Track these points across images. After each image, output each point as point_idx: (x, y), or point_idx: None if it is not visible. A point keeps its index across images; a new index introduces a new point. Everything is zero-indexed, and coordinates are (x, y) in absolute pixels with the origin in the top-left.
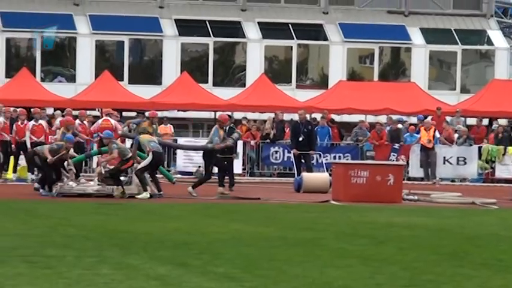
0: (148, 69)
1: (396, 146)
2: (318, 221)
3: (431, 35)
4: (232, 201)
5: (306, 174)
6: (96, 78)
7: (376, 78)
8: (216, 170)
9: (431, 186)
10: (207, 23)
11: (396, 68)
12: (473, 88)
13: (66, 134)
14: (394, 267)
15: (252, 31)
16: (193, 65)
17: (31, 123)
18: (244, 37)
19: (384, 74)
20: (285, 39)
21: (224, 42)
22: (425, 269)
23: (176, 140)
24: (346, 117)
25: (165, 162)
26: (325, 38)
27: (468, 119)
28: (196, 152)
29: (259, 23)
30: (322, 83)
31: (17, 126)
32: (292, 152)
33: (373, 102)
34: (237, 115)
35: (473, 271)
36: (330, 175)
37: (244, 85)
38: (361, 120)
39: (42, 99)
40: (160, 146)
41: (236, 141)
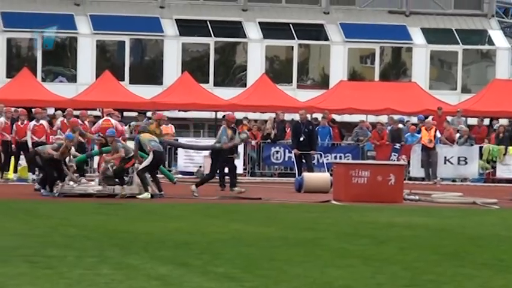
0: (149, 69)
1: (397, 146)
2: (319, 221)
3: (432, 35)
4: (233, 201)
5: (306, 174)
6: (97, 78)
7: (377, 78)
8: (222, 170)
9: (432, 186)
10: (208, 23)
11: (397, 68)
12: (474, 88)
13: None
14: (395, 267)
15: (252, 31)
16: (194, 65)
17: (32, 123)
18: (245, 37)
19: (385, 74)
20: (285, 39)
21: (225, 42)
22: (426, 269)
23: (177, 140)
24: (347, 117)
25: (166, 162)
26: (326, 38)
27: (469, 119)
28: (197, 152)
29: (260, 23)
30: (323, 83)
31: (17, 126)
32: (293, 152)
33: (374, 102)
34: (238, 115)
35: (474, 271)
36: (330, 175)
37: (245, 85)
38: (362, 120)
39: (43, 99)
40: (167, 146)
41: (244, 142)
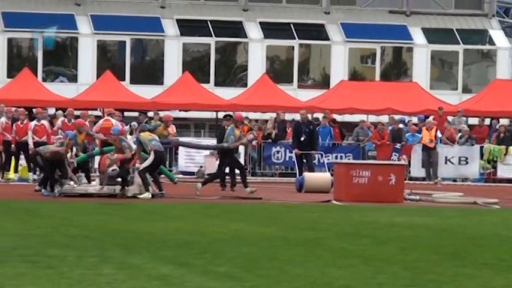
0: (150, 69)
1: (398, 145)
2: (320, 220)
3: (433, 35)
4: (233, 201)
5: (307, 174)
6: (97, 78)
7: (377, 78)
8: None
9: (433, 186)
10: (209, 23)
11: (398, 68)
12: (475, 88)
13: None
14: (395, 267)
15: (253, 31)
16: (195, 65)
17: (33, 123)
18: (245, 37)
19: (386, 73)
20: (286, 39)
21: (226, 42)
22: (426, 268)
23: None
24: (348, 117)
25: (166, 162)
26: (327, 38)
27: (470, 119)
28: (198, 152)
29: (261, 23)
30: (324, 82)
31: (16, 126)
32: (293, 152)
33: (375, 102)
34: None
35: (475, 271)
36: (331, 175)
37: (245, 85)
38: (363, 120)
39: (43, 99)
40: (173, 146)
41: (251, 142)
